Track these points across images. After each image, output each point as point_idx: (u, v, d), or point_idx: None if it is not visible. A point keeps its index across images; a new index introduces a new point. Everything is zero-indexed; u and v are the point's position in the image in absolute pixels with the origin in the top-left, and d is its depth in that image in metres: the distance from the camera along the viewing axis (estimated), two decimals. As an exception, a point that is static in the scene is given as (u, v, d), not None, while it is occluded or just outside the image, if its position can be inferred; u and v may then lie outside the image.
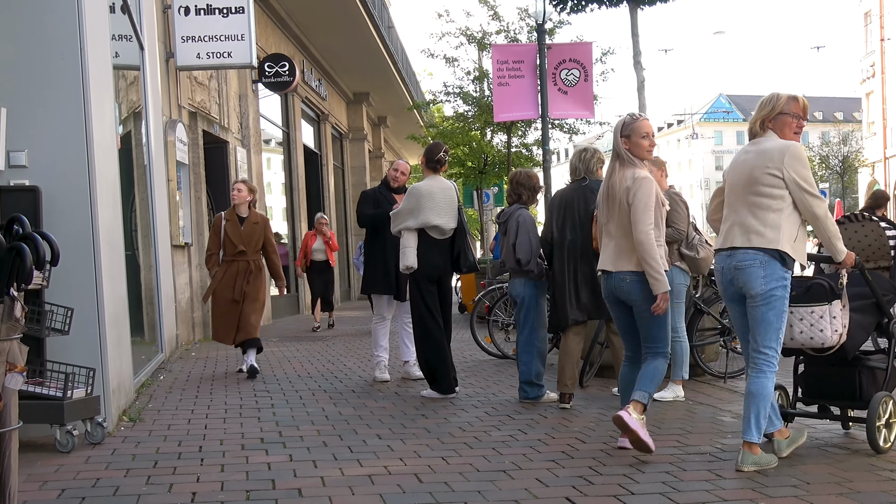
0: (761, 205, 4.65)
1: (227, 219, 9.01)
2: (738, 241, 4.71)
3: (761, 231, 4.63)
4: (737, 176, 4.79)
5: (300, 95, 19.83)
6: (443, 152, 7.61)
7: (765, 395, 4.65)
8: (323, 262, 14.63)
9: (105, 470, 4.89)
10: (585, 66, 13.73)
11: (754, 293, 4.65)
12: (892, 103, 38.67)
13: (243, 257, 8.86)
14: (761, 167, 4.65)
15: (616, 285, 5.17)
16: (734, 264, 4.72)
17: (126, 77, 9.27)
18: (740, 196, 4.75)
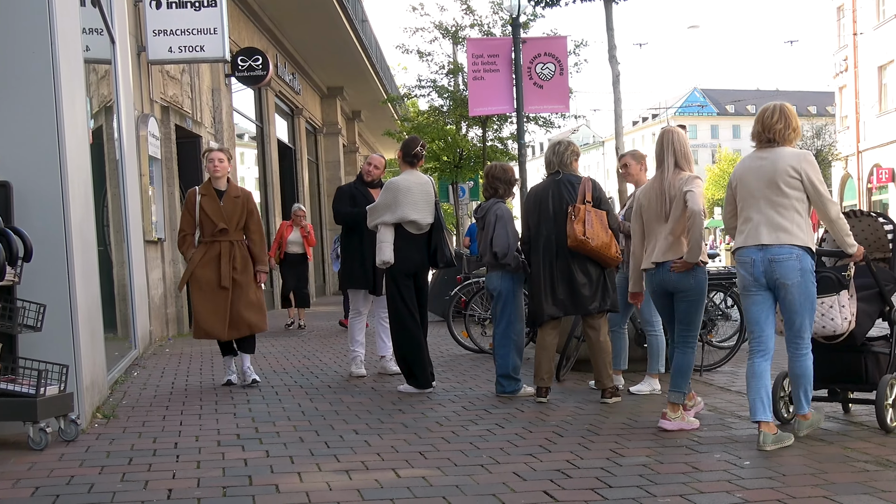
0: (786, 205, 5.06)
1: (203, 193, 7.80)
2: (768, 238, 5.08)
3: (791, 229, 5.05)
4: (756, 180, 5.14)
5: (274, 90, 19.71)
6: (419, 147, 7.58)
7: (808, 374, 5.19)
8: (298, 256, 14.03)
9: (79, 467, 4.84)
10: (560, 60, 13.74)
11: (790, 283, 5.04)
12: (865, 97, 39.01)
13: (225, 237, 7.71)
14: (782, 172, 5.06)
15: (664, 277, 5.64)
16: (769, 257, 5.07)
17: (97, 71, 9.17)
18: (762, 198, 5.12)
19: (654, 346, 7.16)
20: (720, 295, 8.94)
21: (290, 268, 14.13)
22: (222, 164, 7.82)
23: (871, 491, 4.14)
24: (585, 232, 6.44)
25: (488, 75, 13.66)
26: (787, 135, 5.19)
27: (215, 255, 7.68)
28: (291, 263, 14.08)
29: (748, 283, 5.20)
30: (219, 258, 7.67)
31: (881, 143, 37.51)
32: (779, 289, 5.10)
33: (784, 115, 5.21)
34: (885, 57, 36.84)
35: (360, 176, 8.60)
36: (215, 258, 7.67)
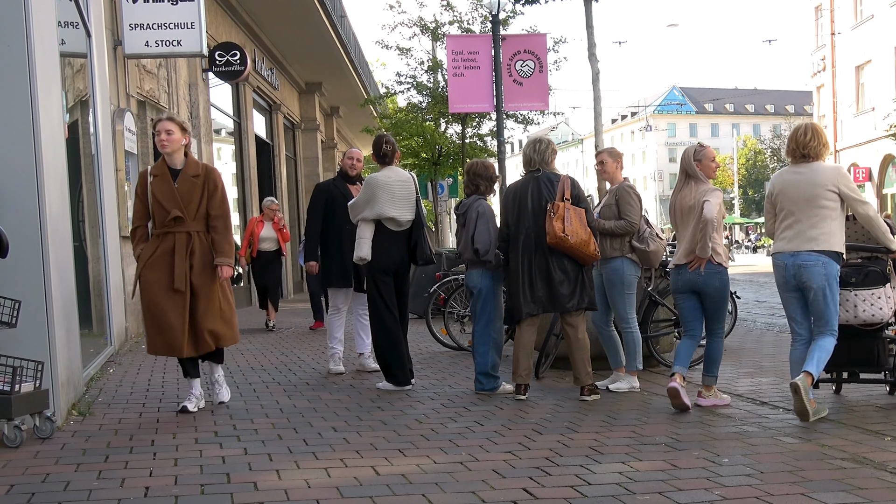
0: (822, 216, 5.79)
1: (155, 174, 6.31)
2: (799, 245, 5.84)
3: (820, 238, 5.79)
4: (795, 193, 5.87)
5: (252, 85, 19.61)
6: (385, 144, 7.54)
7: (830, 349, 5.84)
8: (272, 253, 13.11)
9: (55, 465, 4.79)
10: (540, 58, 13.77)
11: (814, 286, 5.80)
12: (843, 97, 39.32)
13: (181, 227, 6.19)
14: (822, 185, 5.79)
15: (692, 277, 6.29)
16: (798, 263, 5.84)
17: (73, 65, 9.08)
18: (800, 209, 5.85)
19: (629, 342, 7.18)
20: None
21: (263, 267, 13.18)
22: (172, 136, 6.23)
23: (847, 488, 4.17)
24: (565, 229, 6.45)
25: (468, 72, 13.67)
26: (820, 150, 5.89)
27: (167, 250, 6.19)
28: (265, 262, 13.14)
29: (781, 284, 6.02)
30: (172, 254, 6.18)
31: (858, 142, 37.83)
32: (806, 290, 5.86)
33: (816, 133, 5.89)
34: (863, 57, 37.15)
35: (342, 172, 8.56)
36: (167, 254, 6.18)
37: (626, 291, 7.14)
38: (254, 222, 13.40)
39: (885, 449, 5.00)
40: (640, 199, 7.36)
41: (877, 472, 4.49)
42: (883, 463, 4.66)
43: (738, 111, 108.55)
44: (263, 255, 13.06)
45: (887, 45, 35.05)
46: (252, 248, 13.02)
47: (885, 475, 4.43)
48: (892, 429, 5.53)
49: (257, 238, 13.04)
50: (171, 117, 6.38)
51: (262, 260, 13.09)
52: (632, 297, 7.22)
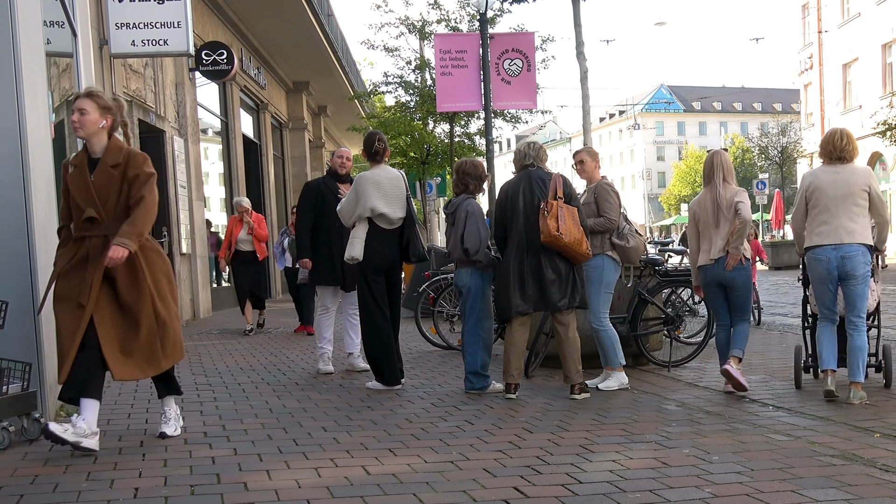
0: (857, 212, 6.33)
1: (74, 164, 5.25)
2: (845, 238, 6.29)
3: (859, 231, 6.30)
4: (833, 191, 6.34)
5: (239, 84, 19.57)
6: (377, 141, 7.54)
7: (865, 346, 6.41)
8: (249, 254, 12.62)
9: (43, 466, 4.76)
10: (528, 56, 13.77)
11: (857, 275, 6.30)
12: (830, 95, 39.49)
13: (97, 230, 5.10)
14: (857, 184, 6.32)
15: (719, 272, 6.78)
16: (841, 255, 6.30)
17: (58, 64, 9.03)
18: (838, 206, 6.33)
19: (605, 340, 7.15)
20: (687, 291, 8.98)
21: (242, 267, 12.77)
22: (85, 117, 5.13)
23: (837, 485, 4.18)
24: (559, 228, 6.45)
25: (456, 71, 13.66)
26: (853, 154, 6.43)
27: (83, 258, 5.10)
28: (243, 263, 12.71)
29: (821, 277, 6.42)
30: (83, 264, 5.07)
31: (845, 140, 37.93)
32: (848, 279, 6.33)
33: (849, 139, 6.43)
34: (850, 55, 37.32)
35: (331, 171, 8.55)
36: (82, 263, 5.09)
37: (603, 290, 7.15)
38: (233, 222, 12.96)
39: (875, 446, 5.02)
40: (619, 196, 7.40)
41: (866, 468, 4.51)
42: (872, 459, 4.67)
43: (725, 109, 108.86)
44: (241, 255, 12.67)
45: (874, 43, 35.23)
46: (231, 250, 12.67)
47: (874, 472, 4.44)
48: (881, 426, 5.55)
49: (235, 238, 12.65)
50: (91, 93, 5.25)
51: (241, 260, 12.69)
52: (608, 297, 7.23)
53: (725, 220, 6.75)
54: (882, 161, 35.96)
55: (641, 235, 7.40)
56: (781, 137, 51.01)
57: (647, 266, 8.24)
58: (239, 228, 12.66)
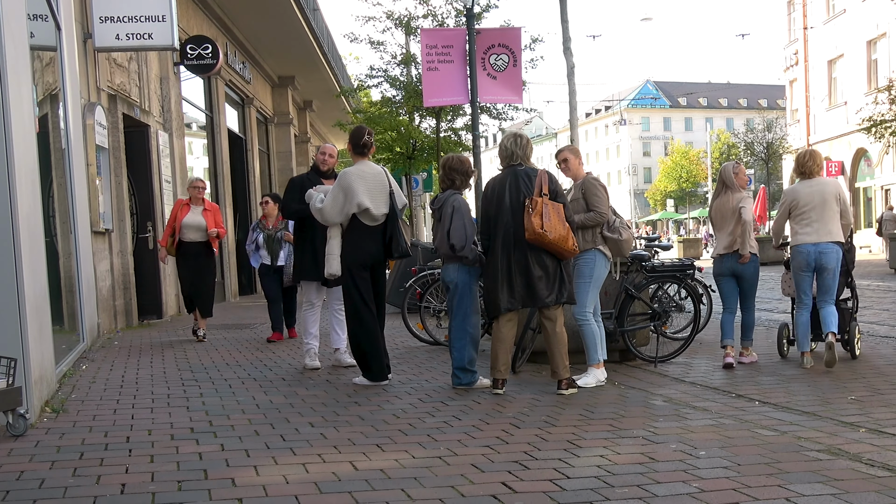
0: (830, 217, 7.78)
1: None
2: (823, 237, 7.76)
3: (834, 232, 7.79)
4: (810, 200, 7.81)
5: (224, 79, 19.49)
6: (367, 135, 7.52)
7: (833, 312, 7.80)
8: (198, 246, 10.67)
9: (29, 462, 4.73)
10: (514, 52, 13.74)
11: (830, 267, 7.76)
12: (815, 91, 39.66)
13: None
14: (830, 193, 7.84)
15: (732, 264, 8.08)
16: (819, 250, 7.75)
17: (42, 58, 8.96)
18: (815, 211, 7.79)
19: (587, 335, 7.16)
20: (674, 287, 9.02)
21: (187, 261, 10.81)
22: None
23: (823, 480, 4.20)
24: (543, 225, 6.45)
25: (442, 66, 13.61)
26: (815, 168, 7.92)
27: None
28: (189, 256, 10.74)
29: (801, 266, 7.87)
30: None
31: (831, 136, 38.18)
32: (822, 270, 7.78)
33: (811, 157, 7.97)
34: (835, 51, 37.49)
35: (314, 167, 8.52)
36: None
37: (592, 284, 7.17)
38: (178, 205, 10.94)
39: (861, 440, 5.04)
40: (606, 190, 7.42)
41: (852, 463, 4.53)
42: (858, 454, 4.70)
43: (711, 105, 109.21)
44: (187, 246, 10.69)
45: (859, 40, 35.40)
46: (174, 238, 10.72)
47: (860, 466, 4.46)
48: (867, 420, 5.58)
49: (180, 224, 10.65)
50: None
51: (187, 253, 10.74)
52: (595, 293, 7.25)
53: (732, 221, 8.06)
54: (867, 157, 36.16)
55: (630, 229, 7.44)
56: (767, 133, 51.16)
57: (634, 262, 8.26)
58: (185, 212, 10.68)
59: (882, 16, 33.37)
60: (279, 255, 10.72)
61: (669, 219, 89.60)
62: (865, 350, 8.87)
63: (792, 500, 3.89)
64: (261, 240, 10.88)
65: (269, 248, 10.77)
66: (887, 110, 27.99)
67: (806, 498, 3.91)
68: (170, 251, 10.79)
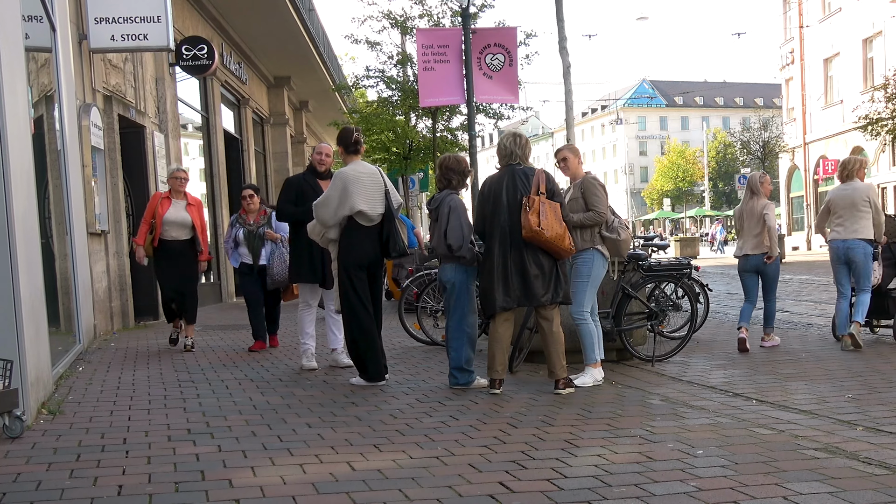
0: (859, 216, 8.84)
1: None
2: (850, 235, 8.85)
3: (860, 230, 8.83)
4: (845, 201, 8.92)
5: (219, 79, 19.46)
6: (356, 133, 7.52)
7: (866, 301, 8.90)
8: (182, 243, 9.68)
9: (26, 464, 4.72)
10: (510, 51, 13.74)
11: (857, 261, 8.84)
12: (811, 89, 39.72)
13: None
14: (860, 197, 8.87)
15: (755, 263, 9.07)
16: (847, 246, 8.86)
17: (37, 59, 8.95)
18: (846, 211, 8.89)
19: (585, 334, 7.16)
20: (671, 286, 9.02)
21: (169, 261, 9.69)
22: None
23: (821, 478, 4.20)
24: (540, 223, 6.45)
25: (438, 66, 13.62)
26: (856, 173, 9.00)
27: None
28: (171, 255, 9.66)
29: (835, 259, 9.02)
30: None
31: (827, 134, 38.23)
32: (852, 263, 8.88)
33: (852, 165, 9.01)
34: (831, 50, 37.54)
35: (311, 167, 8.50)
36: None
37: (590, 284, 7.16)
38: (157, 199, 9.85)
39: (857, 439, 5.04)
40: (605, 189, 7.41)
41: (849, 461, 4.53)
42: (855, 452, 4.70)
43: (707, 104, 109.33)
44: (171, 245, 9.66)
45: (855, 38, 35.45)
46: (154, 236, 9.65)
47: (857, 464, 4.47)
48: (864, 419, 5.59)
49: (160, 221, 9.62)
50: None
51: (169, 253, 9.66)
52: (593, 292, 7.24)
53: (757, 225, 9.07)
54: (863, 156, 36.18)
55: (628, 229, 7.44)
56: (763, 132, 51.23)
57: (631, 261, 8.26)
58: (166, 206, 9.65)
59: (878, 14, 33.42)
60: (261, 253, 9.70)
61: (666, 218, 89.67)
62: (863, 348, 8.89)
63: (789, 498, 3.89)
64: (240, 236, 9.80)
65: (249, 245, 9.74)
66: (883, 108, 28.03)
67: (803, 496, 3.91)
68: (147, 251, 9.65)
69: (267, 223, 9.76)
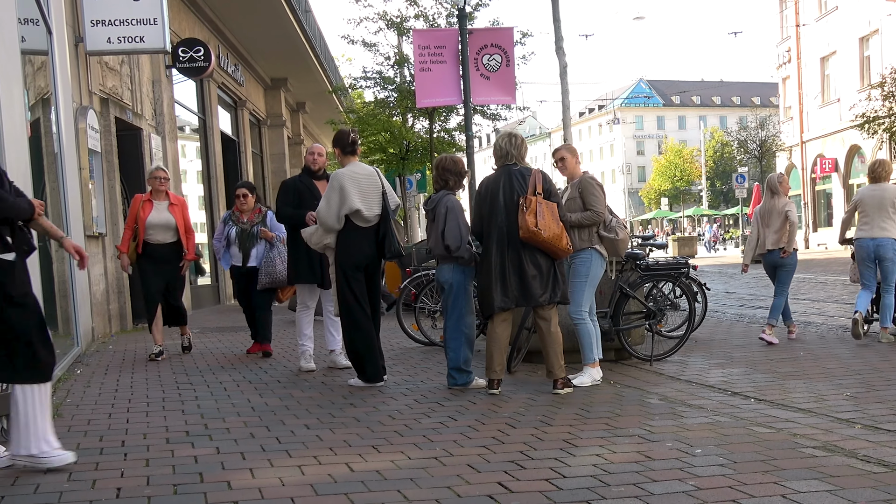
0: (887, 216, 9.21)
1: None
2: (878, 233, 9.22)
3: (888, 228, 9.20)
4: (872, 201, 9.29)
5: (216, 81, 19.46)
6: (352, 133, 7.52)
7: (892, 304, 9.26)
8: (167, 247, 9.18)
9: (24, 467, 4.71)
10: (507, 51, 13.74)
11: (887, 257, 9.19)
12: (808, 88, 39.75)
13: None
14: (888, 198, 9.22)
15: (774, 258, 9.61)
16: (876, 244, 9.22)
17: (34, 62, 8.95)
18: (876, 211, 9.24)
19: (583, 334, 7.16)
20: (669, 285, 9.02)
21: (154, 266, 9.15)
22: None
23: (819, 476, 4.20)
24: (537, 223, 6.45)
25: (435, 66, 13.62)
26: (886, 175, 9.44)
27: None
28: (156, 260, 9.14)
29: (864, 257, 9.36)
30: None
31: (824, 133, 38.26)
32: (881, 260, 9.25)
33: (883, 167, 9.47)
34: (828, 48, 37.56)
35: (306, 168, 8.49)
36: None
37: (588, 283, 7.17)
38: (138, 201, 9.27)
39: (856, 437, 5.04)
40: (603, 189, 7.41)
41: (848, 459, 4.53)
42: (853, 451, 4.70)
43: (704, 103, 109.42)
44: (156, 249, 9.15)
45: (852, 37, 35.48)
46: (137, 241, 9.14)
47: (855, 462, 4.47)
48: (862, 417, 5.59)
49: (143, 224, 9.10)
50: None
51: (153, 256, 9.15)
52: (591, 292, 7.24)
53: (778, 222, 9.59)
54: (860, 154, 36.21)
55: (626, 228, 7.45)
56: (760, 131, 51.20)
57: (629, 260, 8.26)
58: (148, 209, 9.17)
59: (874, 12, 33.45)
60: (251, 254, 9.30)
61: (664, 217, 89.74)
62: (860, 346, 8.90)
63: (788, 496, 3.89)
64: (232, 235, 9.39)
65: (241, 245, 9.33)
66: (880, 106, 28.06)
67: (802, 494, 3.91)
68: (132, 257, 9.17)
69: (262, 222, 9.39)
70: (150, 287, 9.20)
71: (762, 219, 9.80)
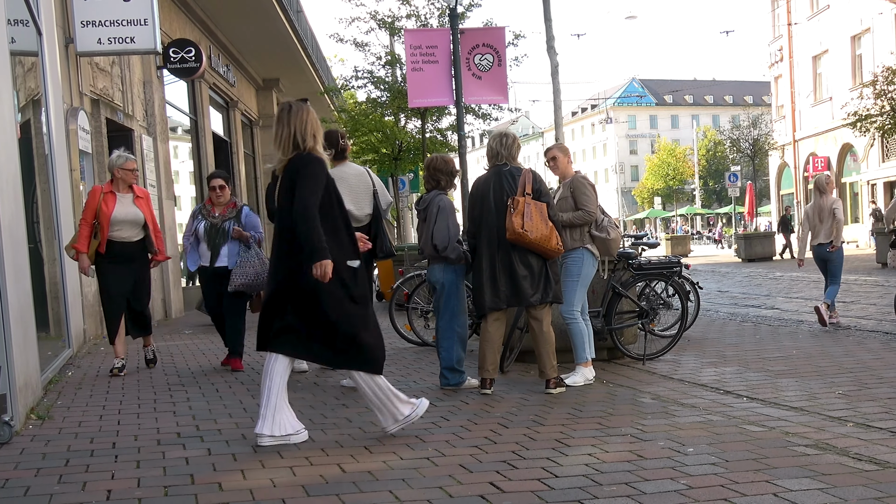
0: None
1: None
2: None
3: None
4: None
5: (208, 82, 19.41)
6: (341, 137, 7.50)
7: None
8: (133, 246, 8.13)
9: (14, 470, 4.70)
10: (499, 51, 13.73)
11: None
12: (800, 87, 39.83)
13: None
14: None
15: (823, 252, 10.63)
16: None
17: (24, 63, 8.91)
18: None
19: (575, 333, 7.16)
20: (661, 284, 9.02)
21: (121, 269, 8.10)
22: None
23: (811, 474, 4.20)
24: (524, 225, 6.43)
25: (427, 66, 13.60)
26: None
27: None
28: (121, 260, 8.07)
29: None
30: None
31: (816, 132, 38.34)
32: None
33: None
34: (820, 47, 37.64)
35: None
36: None
37: (580, 283, 7.17)
38: (98, 194, 8.07)
39: (848, 435, 5.05)
40: (595, 189, 7.41)
41: (839, 457, 4.54)
42: (845, 449, 4.71)
43: (697, 102, 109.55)
44: (121, 248, 8.09)
45: (843, 35, 35.55)
46: (100, 239, 7.99)
47: (847, 461, 4.47)
48: (854, 415, 5.60)
49: (107, 219, 7.98)
50: None
51: (121, 257, 8.09)
52: (583, 292, 7.25)
53: (828, 219, 10.49)
54: (853, 152, 36.30)
55: (618, 228, 7.45)
56: (752, 130, 51.32)
57: (621, 260, 8.26)
58: (113, 202, 8.05)
59: (866, 11, 33.53)
60: (220, 252, 8.25)
61: (657, 217, 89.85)
62: (852, 344, 8.92)
63: (780, 495, 3.89)
64: (201, 230, 8.31)
65: (209, 241, 8.27)
66: (872, 105, 28.12)
67: (793, 493, 3.91)
68: (92, 258, 8.04)
69: (235, 217, 8.36)
70: (112, 291, 8.15)
71: (812, 216, 10.72)
